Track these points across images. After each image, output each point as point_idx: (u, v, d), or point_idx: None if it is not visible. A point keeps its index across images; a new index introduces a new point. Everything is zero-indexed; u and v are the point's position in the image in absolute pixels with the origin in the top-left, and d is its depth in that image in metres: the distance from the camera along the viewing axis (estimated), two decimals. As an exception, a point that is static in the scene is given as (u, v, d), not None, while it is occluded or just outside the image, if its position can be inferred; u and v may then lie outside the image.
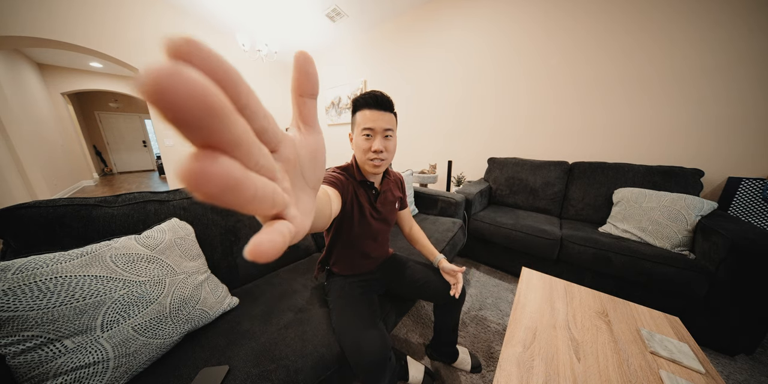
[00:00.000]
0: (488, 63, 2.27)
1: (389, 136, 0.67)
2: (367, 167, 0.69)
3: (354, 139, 0.70)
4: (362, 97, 0.65)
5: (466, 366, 0.97)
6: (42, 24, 2.39)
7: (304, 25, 3.18)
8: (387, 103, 0.66)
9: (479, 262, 1.82)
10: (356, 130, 0.68)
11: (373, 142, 0.65)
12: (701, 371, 0.58)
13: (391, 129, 0.66)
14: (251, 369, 0.57)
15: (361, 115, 0.66)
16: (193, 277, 0.70)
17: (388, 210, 0.82)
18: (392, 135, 0.68)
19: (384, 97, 0.65)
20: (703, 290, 1.02)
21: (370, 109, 0.65)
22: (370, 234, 0.79)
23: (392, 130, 0.67)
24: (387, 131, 0.65)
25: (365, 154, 0.67)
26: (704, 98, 1.45)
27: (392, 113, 0.67)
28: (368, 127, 0.64)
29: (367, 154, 0.67)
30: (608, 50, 1.70)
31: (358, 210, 0.74)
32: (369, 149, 0.66)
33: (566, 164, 1.81)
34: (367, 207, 0.75)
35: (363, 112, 0.65)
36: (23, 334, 0.45)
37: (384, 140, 0.66)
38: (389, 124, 0.65)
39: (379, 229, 0.81)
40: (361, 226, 0.76)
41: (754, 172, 1.37)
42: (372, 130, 0.65)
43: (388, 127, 0.65)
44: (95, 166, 5.90)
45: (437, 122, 2.76)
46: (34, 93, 3.82)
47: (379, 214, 0.79)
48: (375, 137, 0.65)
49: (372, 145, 0.65)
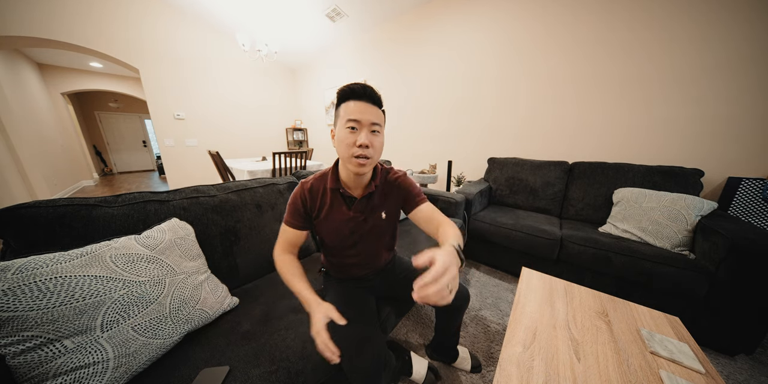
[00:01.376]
0: (488, 62, 2.27)
1: (376, 131, 0.60)
2: (351, 165, 0.61)
3: (336, 133, 0.62)
4: (348, 87, 0.59)
5: (466, 366, 0.97)
6: (42, 24, 2.39)
7: (304, 25, 3.18)
8: (375, 97, 0.61)
9: (479, 262, 1.82)
10: (339, 123, 0.60)
11: (359, 135, 0.58)
12: (701, 371, 0.58)
13: (378, 124, 0.60)
14: (251, 370, 0.57)
15: (345, 107, 0.59)
16: (193, 277, 0.70)
17: (369, 219, 0.72)
18: (380, 131, 0.61)
19: (372, 89, 0.60)
20: (703, 290, 1.02)
21: (356, 100, 0.59)
22: (348, 245, 0.74)
23: (380, 126, 0.60)
24: (374, 126, 0.59)
25: (349, 148, 0.59)
26: (704, 98, 1.45)
27: (381, 109, 0.62)
28: (354, 118, 0.57)
29: (351, 149, 0.58)
30: (608, 49, 1.70)
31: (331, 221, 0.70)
32: (353, 143, 0.58)
33: (566, 164, 1.81)
34: (340, 217, 0.69)
35: (348, 104, 0.59)
36: (23, 334, 0.45)
37: (370, 135, 0.59)
38: (377, 118, 0.59)
39: (359, 240, 0.73)
40: (337, 237, 0.72)
41: (754, 172, 1.37)
42: (358, 122, 0.58)
43: (375, 121, 0.59)
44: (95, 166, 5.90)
45: (437, 122, 2.76)
46: (34, 93, 3.82)
47: (356, 223, 0.71)
48: (361, 130, 0.58)
49: (357, 139, 0.58)
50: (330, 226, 0.71)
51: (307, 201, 0.69)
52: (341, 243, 0.74)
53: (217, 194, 0.95)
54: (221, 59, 3.62)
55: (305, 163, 2.51)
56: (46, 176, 3.34)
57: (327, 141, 4.27)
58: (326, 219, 0.71)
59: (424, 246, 1.23)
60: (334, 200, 0.70)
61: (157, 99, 3.14)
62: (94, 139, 6.25)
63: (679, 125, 1.54)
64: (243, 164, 2.56)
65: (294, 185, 1.22)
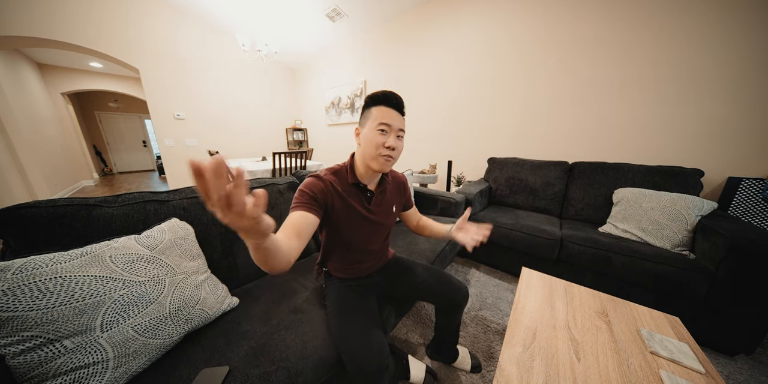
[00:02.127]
0: (488, 62, 2.27)
1: (401, 136, 0.69)
2: (376, 163, 0.67)
3: (365, 133, 0.68)
4: (383, 94, 0.67)
5: (466, 366, 0.97)
6: (42, 24, 2.39)
7: (304, 25, 3.18)
8: (402, 106, 0.69)
9: (479, 262, 1.81)
10: (370, 125, 0.66)
11: (388, 137, 0.65)
12: (701, 371, 0.58)
13: (403, 130, 0.68)
14: (251, 370, 0.57)
15: (378, 111, 0.66)
16: (193, 277, 0.70)
17: (384, 212, 0.79)
18: (402, 137, 0.69)
19: (401, 99, 0.68)
20: (703, 290, 1.02)
21: (388, 106, 0.66)
22: (363, 239, 0.77)
23: (403, 132, 0.69)
24: (400, 132, 0.68)
25: (377, 148, 0.65)
26: (704, 98, 1.45)
27: (404, 117, 0.70)
28: (386, 122, 0.65)
29: (379, 149, 0.66)
30: (608, 49, 1.70)
31: (347, 214, 0.72)
32: (383, 144, 0.65)
33: (566, 164, 1.81)
34: (359, 210, 0.73)
35: (381, 108, 0.66)
36: (23, 334, 0.45)
37: (396, 139, 0.67)
38: (402, 125, 0.68)
39: (373, 233, 0.79)
40: (353, 230, 0.74)
41: (754, 172, 1.37)
42: (389, 126, 0.65)
43: (402, 127, 0.68)
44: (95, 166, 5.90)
45: (437, 122, 2.76)
46: (34, 93, 3.82)
47: (374, 216, 0.76)
48: (390, 134, 0.66)
49: (386, 141, 0.65)
50: (348, 219, 0.72)
51: (323, 191, 0.68)
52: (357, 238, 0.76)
53: (217, 194, 0.95)
54: (221, 59, 3.62)
55: (305, 163, 2.51)
56: (46, 176, 3.34)
57: (327, 141, 4.27)
58: (344, 211, 0.71)
59: (424, 246, 1.23)
60: (352, 194, 0.73)
61: (157, 99, 3.14)
62: (94, 139, 6.25)
63: (679, 125, 1.54)
64: (243, 164, 2.56)
65: (294, 185, 1.23)
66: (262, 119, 4.36)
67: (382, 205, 0.78)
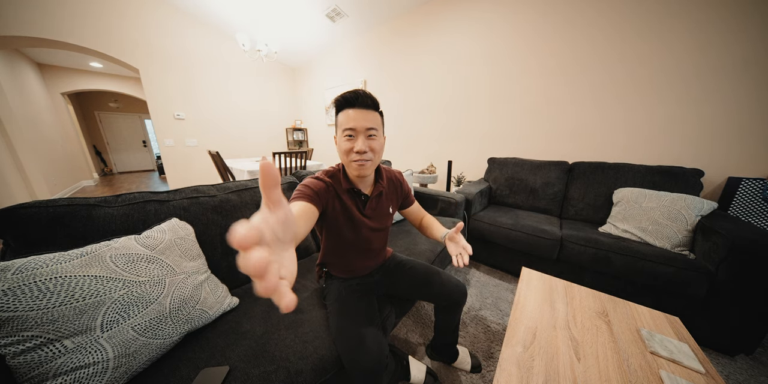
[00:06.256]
0: (488, 62, 2.27)
1: (373, 135, 0.63)
2: (351, 170, 0.66)
3: (338, 141, 0.66)
4: (342, 97, 0.62)
5: (466, 366, 0.97)
6: (42, 24, 2.39)
7: (304, 25, 3.18)
8: (369, 101, 0.63)
9: (479, 262, 1.81)
10: (338, 132, 0.65)
11: (356, 142, 0.62)
12: (701, 371, 0.58)
13: (374, 128, 0.63)
14: (251, 370, 0.57)
15: (342, 116, 0.63)
16: (193, 277, 0.70)
17: (380, 215, 0.78)
18: (377, 134, 0.64)
19: (365, 94, 0.62)
20: (703, 290, 1.02)
21: (351, 108, 0.62)
22: (361, 240, 0.77)
23: (376, 130, 0.64)
24: (370, 130, 0.62)
25: (347, 155, 0.64)
26: (704, 98, 1.45)
27: (376, 111, 0.65)
28: (349, 127, 0.61)
29: (350, 156, 0.63)
30: (608, 49, 1.70)
31: (345, 216, 0.71)
32: (351, 150, 0.63)
33: (566, 164, 1.81)
34: (355, 213, 0.72)
35: (345, 112, 0.63)
36: (23, 334, 0.45)
37: (368, 140, 0.63)
38: (372, 123, 0.62)
39: (371, 235, 0.78)
40: (350, 232, 0.74)
41: (754, 172, 1.37)
42: (354, 130, 0.62)
43: (370, 125, 0.62)
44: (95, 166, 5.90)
45: (437, 122, 2.76)
46: (34, 93, 3.82)
47: (370, 220, 0.76)
48: (357, 137, 0.62)
49: (354, 146, 0.62)
50: (347, 221, 0.72)
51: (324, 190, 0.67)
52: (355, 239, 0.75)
53: (217, 194, 0.95)
54: (221, 59, 3.61)
55: (305, 163, 2.51)
56: (46, 176, 3.34)
57: (327, 141, 4.27)
58: (342, 214, 0.71)
59: (424, 247, 1.23)
60: (348, 200, 0.72)
61: (157, 99, 3.14)
62: (94, 139, 6.25)
63: (679, 125, 1.53)
64: (243, 164, 2.56)
65: (294, 185, 1.23)
66: (262, 119, 4.36)
67: (377, 209, 0.77)
